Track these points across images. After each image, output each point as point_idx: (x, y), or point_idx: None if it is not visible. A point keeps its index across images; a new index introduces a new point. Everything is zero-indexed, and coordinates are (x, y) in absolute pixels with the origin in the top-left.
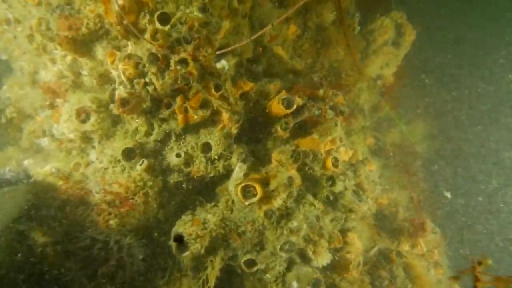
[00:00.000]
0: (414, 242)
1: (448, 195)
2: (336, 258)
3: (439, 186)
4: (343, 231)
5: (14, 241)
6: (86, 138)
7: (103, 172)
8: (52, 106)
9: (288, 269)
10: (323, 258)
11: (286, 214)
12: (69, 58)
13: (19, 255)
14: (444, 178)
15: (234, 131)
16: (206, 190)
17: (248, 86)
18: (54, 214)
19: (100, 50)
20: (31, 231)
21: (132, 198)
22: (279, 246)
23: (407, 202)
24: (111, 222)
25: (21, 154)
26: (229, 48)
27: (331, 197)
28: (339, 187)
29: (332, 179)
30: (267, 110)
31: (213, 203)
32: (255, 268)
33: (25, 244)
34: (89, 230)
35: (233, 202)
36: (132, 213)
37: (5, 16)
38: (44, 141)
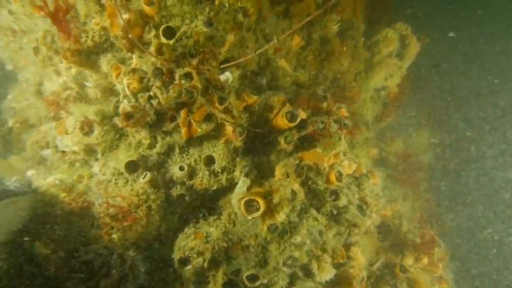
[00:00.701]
0: (418, 255)
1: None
2: (340, 272)
3: (443, 198)
4: (347, 246)
5: (17, 252)
6: (89, 151)
7: (106, 185)
8: (56, 118)
9: (291, 284)
10: (327, 273)
11: (289, 229)
12: (74, 70)
13: (22, 267)
14: (448, 189)
15: (238, 144)
16: (209, 203)
17: (252, 99)
18: (57, 226)
19: (105, 63)
20: (34, 242)
21: (135, 212)
22: (282, 261)
23: (411, 214)
24: (113, 236)
25: (24, 164)
26: (234, 62)
27: (334, 212)
28: (342, 201)
29: (335, 193)
30: (271, 123)
31: (215, 216)
32: (257, 283)
33: (28, 256)
34: (92, 243)
35: (235, 215)
36: (134, 227)
37: (12, 27)
38: (48, 153)
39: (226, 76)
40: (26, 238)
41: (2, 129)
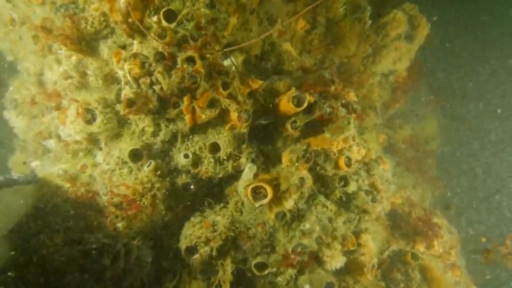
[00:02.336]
0: (430, 242)
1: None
2: (350, 260)
3: (453, 184)
4: (357, 233)
5: (25, 240)
6: (92, 140)
7: (110, 174)
8: (58, 107)
9: (301, 272)
10: (337, 261)
11: (297, 216)
12: (74, 58)
13: (30, 255)
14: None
15: (243, 130)
16: (215, 191)
17: (257, 84)
18: (61, 216)
19: (105, 50)
20: (39, 231)
21: (140, 200)
22: (290, 249)
23: (420, 201)
24: (118, 225)
25: (28, 155)
26: (237, 46)
27: (344, 198)
28: (352, 187)
29: (344, 179)
30: (276, 109)
31: (222, 205)
32: (266, 271)
33: (35, 245)
34: (97, 233)
35: (242, 203)
36: (139, 216)
37: (10, 16)
38: (51, 143)
39: (230, 62)
40: (33, 227)
41: None
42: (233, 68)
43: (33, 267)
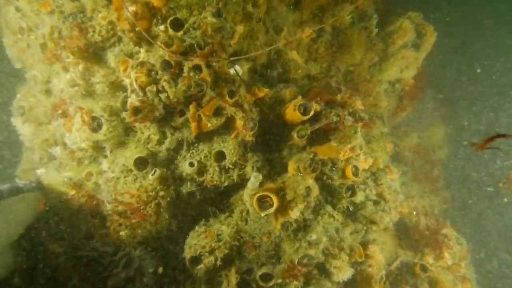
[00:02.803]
0: (439, 254)
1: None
2: (357, 271)
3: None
4: (364, 244)
5: (32, 249)
6: (98, 147)
7: (115, 182)
8: (64, 115)
9: (307, 284)
10: (344, 273)
11: (304, 226)
12: (81, 66)
13: (37, 263)
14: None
15: (249, 139)
16: (219, 199)
17: (263, 92)
18: (66, 223)
19: (112, 58)
20: (45, 240)
21: (144, 209)
22: (297, 260)
23: (429, 211)
24: (121, 233)
25: (34, 163)
26: (245, 56)
27: (351, 208)
28: (359, 197)
29: (352, 189)
30: (282, 117)
31: (227, 213)
32: (271, 283)
33: (40, 253)
34: (100, 241)
35: (247, 212)
36: (143, 224)
37: (19, 25)
38: (57, 150)
39: (236, 70)
40: (39, 234)
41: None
42: (238, 77)
43: (39, 275)
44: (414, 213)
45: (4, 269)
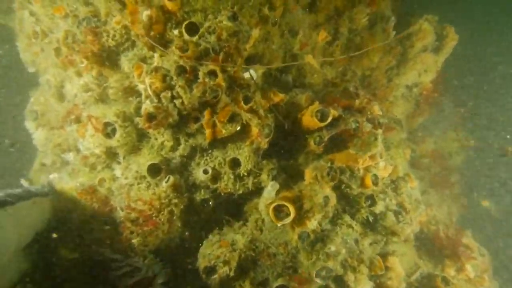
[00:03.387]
0: (461, 265)
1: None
2: (377, 284)
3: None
4: (384, 255)
5: (41, 254)
6: (111, 153)
7: (128, 189)
8: (77, 120)
9: None
10: (363, 286)
11: (321, 237)
12: (95, 71)
13: (45, 268)
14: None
15: (264, 146)
16: (233, 208)
17: (278, 97)
18: (78, 229)
19: (126, 63)
20: (56, 245)
21: (156, 216)
22: (315, 272)
23: (447, 219)
24: (133, 241)
25: (46, 167)
26: (262, 67)
27: (370, 219)
28: (379, 207)
29: (371, 198)
30: (299, 123)
31: (241, 222)
32: None
33: (51, 258)
34: (111, 248)
35: (262, 221)
36: (155, 232)
37: (33, 29)
38: (70, 156)
39: (250, 74)
40: (53, 240)
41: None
42: (253, 82)
43: (50, 280)
44: (433, 222)
45: (16, 274)
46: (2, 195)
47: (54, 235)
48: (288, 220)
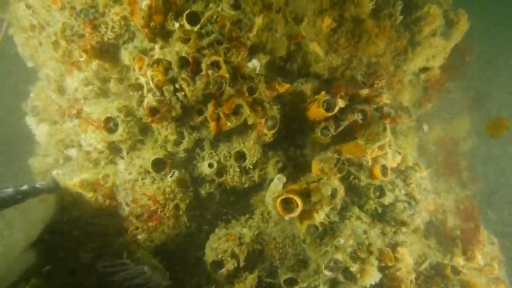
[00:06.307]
0: (470, 254)
1: None
2: (386, 275)
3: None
4: (393, 246)
5: (48, 250)
6: (114, 148)
7: (133, 184)
8: (79, 115)
9: None
10: (371, 277)
11: (330, 229)
12: (94, 64)
13: (52, 264)
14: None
15: (270, 138)
16: (239, 201)
17: (283, 87)
18: (83, 226)
19: (126, 55)
20: (63, 241)
21: (162, 212)
22: (323, 264)
23: (455, 207)
24: (138, 237)
25: (49, 163)
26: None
27: (379, 210)
28: (388, 198)
29: (380, 189)
30: (305, 114)
31: (247, 215)
32: None
33: (57, 254)
34: (116, 244)
35: (269, 214)
36: (160, 228)
37: (30, 22)
38: (72, 152)
39: (254, 64)
40: (57, 236)
41: None
42: (257, 71)
43: (56, 276)
44: (441, 210)
45: (23, 270)
46: (12, 192)
47: (60, 231)
48: (295, 213)
